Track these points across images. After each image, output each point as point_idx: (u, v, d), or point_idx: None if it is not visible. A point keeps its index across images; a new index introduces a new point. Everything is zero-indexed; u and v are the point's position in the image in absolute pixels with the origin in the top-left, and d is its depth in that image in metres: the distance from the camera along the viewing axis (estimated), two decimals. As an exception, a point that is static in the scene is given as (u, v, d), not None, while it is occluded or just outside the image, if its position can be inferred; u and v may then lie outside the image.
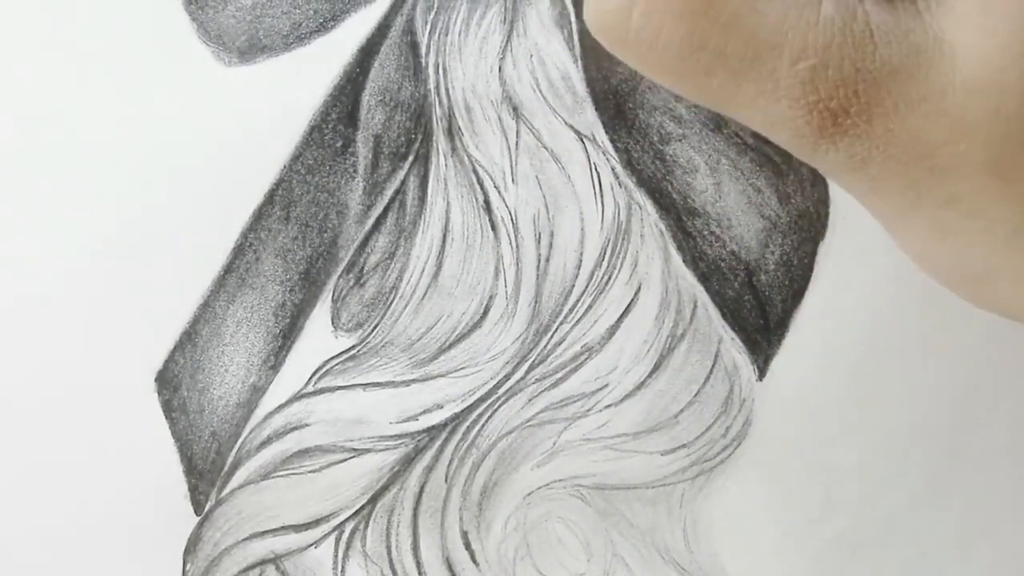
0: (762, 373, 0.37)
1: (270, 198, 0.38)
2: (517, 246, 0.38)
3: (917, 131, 0.24)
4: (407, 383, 0.38)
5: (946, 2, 0.24)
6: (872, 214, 0.28)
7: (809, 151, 0.26)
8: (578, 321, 0.38)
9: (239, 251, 0.38)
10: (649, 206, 0.38)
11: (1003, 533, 0.37)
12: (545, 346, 0.38)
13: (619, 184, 0.38)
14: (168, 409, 0.38)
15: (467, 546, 0.37)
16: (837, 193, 0.37)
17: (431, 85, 0.38)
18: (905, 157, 0.25)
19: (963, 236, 0.25)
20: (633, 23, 0.26)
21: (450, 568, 0.37)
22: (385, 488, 0.37)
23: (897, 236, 0.28)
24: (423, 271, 0.38)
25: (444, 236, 0.38)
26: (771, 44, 0.25)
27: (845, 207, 0.36)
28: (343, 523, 0.37)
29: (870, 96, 0.24)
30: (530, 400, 0.37)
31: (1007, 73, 0.24)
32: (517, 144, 0.38)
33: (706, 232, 0.37)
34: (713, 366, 0.37)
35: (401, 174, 0.38)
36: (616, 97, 0.38)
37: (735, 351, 0.37)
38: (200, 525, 0.37)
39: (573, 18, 0.38)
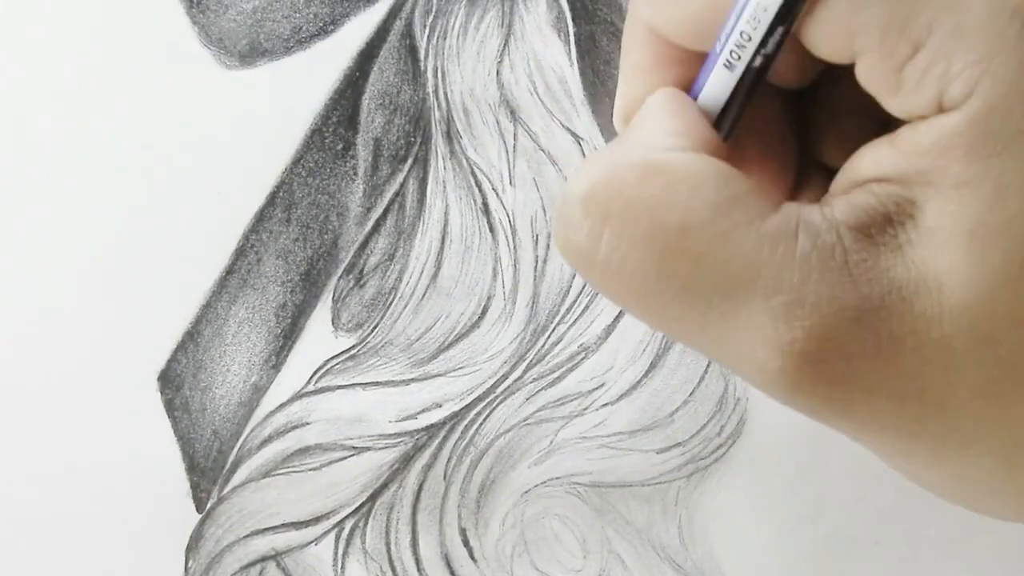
0: (756, 372, 0.38)
1: (271, 200, 0.38)
2: (515, 247, 0.38)
3: (903, 368, 0.23)
4: (406, 382, 0.38)
5: (928, 233, 0.23)
6: (860, 443, 0.26)
7: (784, 396, 0.24)
8: (575, 321, 0.38)
9: (241, 252, 0.38)
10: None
11: (993, 530, 0.37)
12: (542, 346, 0.38)
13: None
14: (170, 408, 0.38)
15: (465, 543, 0.38)
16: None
17: (430, 89, 0.39)
18: (894, 396, 0.23)
19: (961, 462, 0.24)
20: (601, 249, 0.25)
21: (448, 565, 0.38)
22: (384, 486, 0.38)
23: (890, 464, 0.26)
24: (422, 272, 0.38)
25: (443, 238, 0.38)
26: (744, 279, 0.23)
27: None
28: (343, 520, 0.38)
29: (849, 336, 0.23)
30: (528, 399, 0.38)
31: (996, 299, 0.23)
32: (515, 147, 0.38)
33: (701, 233, 0.38)
34: (708, 366, 0.38)
35: (400, 176, 0.38)
36: (612, 100, 0.38)
37: (730, 351, 0.38)
38: (202, 522, 0.38)
39: (570, 23, 0.39)
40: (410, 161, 0.39)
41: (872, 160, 0.25)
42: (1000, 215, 0.23)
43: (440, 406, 0.38)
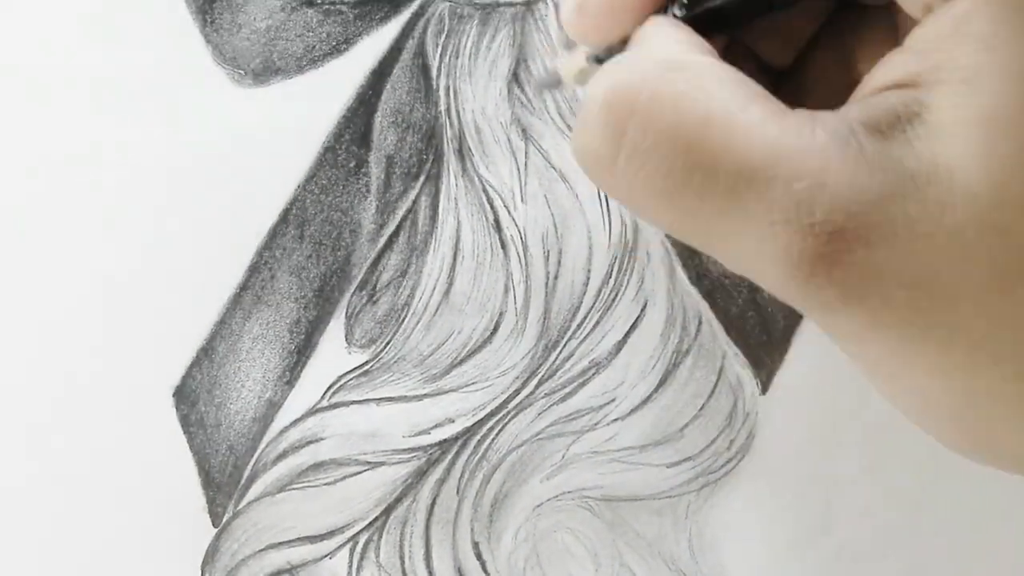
0: (765, 387, 0.38)
1: (285, 217, 0.39)
2: (526, 264, 0.39)
3: (917, 254, 0.23)
4: (419, 398, 0.38)
5: (936, 128, 0.23)
6: (859, 362, 0.26)
7: (800, 285, 0.24)
8: (586, 337, 0.38)
9: (254, 269, 0.39)
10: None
11: (1000, 544, 0.37)
12: (554, 361, 0.38)
13: (625, 203, 0.39)
14: (186, 424, 0.38)
15: (478, 556, 0.38)
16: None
17: (442, 107, 0.39)
18: (906, 283, 0.23)
19: (966, 374, 0.24)
20: (625, 144, 0.25)
21: (462, 578, 0.38)
22: (398, 500, 0.38)
23: (888, 384, 0.26)
24: (434, 288, 0.39)
25: (455, 254, 0.39)
26: (766, 166, 0.23)
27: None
28: (357, 534, 0.38)
29: (868, 219, 0.23)
30: (539, 414, 0.38)
31: (1007, 189, 0.23)
32: (526, 164, 0.39)
33: (710, 250, 0.38)
34: (717, 380, 0.38)
35: (413, 194, 0.39)
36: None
37: (739, 366, 0.38)
38: (218, 537, 0.38)
39: (580, 41, 0.39)
40: (422, 178, 0.39)
41: (884, 68, 0.25)
42: (1010, 105, 0.23)
43: (453, 421, 0.38)
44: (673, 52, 0.26)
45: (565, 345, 0.38)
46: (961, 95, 0.23)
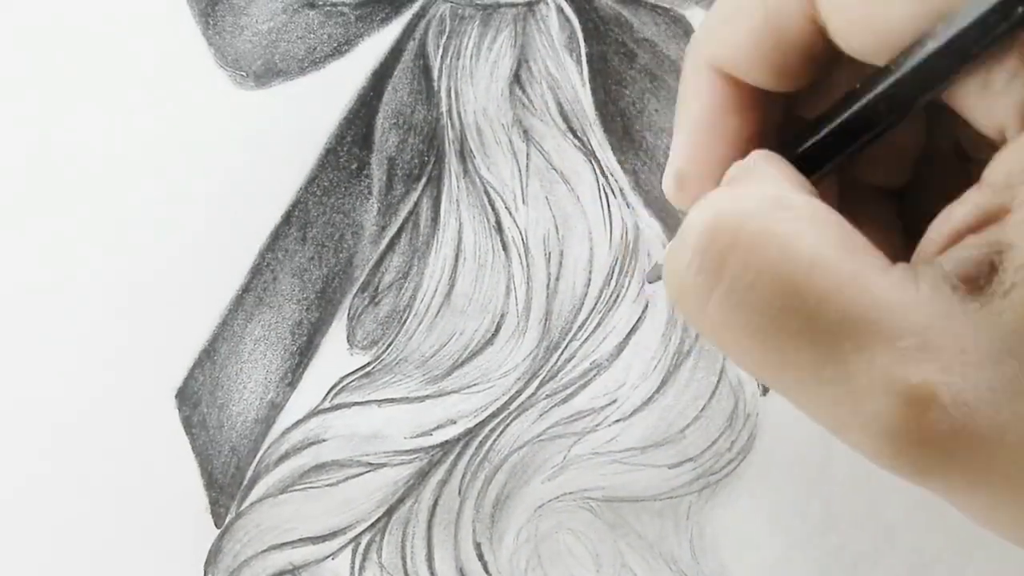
0: (766, 388, 0.38)
1: (287, 219, 0.39)
2: (528, 265, 0.39)
3: None
4: (421, 399, 0.39)
5: None
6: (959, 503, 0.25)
7: (897, 450, 0.23)
8: (587, 338, 0.39)
9: (257, 271, 0.39)
10: (656, 225, 0.39)
11: (999, 545, 0.38)
12: (555, 363, 0.39)
13: (627, 204, 0.39)
14: (188, 425, 0.39)
15: (480, 557, 0.38)
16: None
17: (443, 108, 0.39)
18: (1016, 443, 0.22)
19: None
20: (724, 279, 0.24)
21: (463, 579, 0.38)
22: (400, 501, 0.38)
23: (984, 521, 0.25)
24: (436, 290, 0.39)
25: (456, 256, 0.39)
26: (870, 320, 0.22)
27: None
28: (359, 535, 0.38)
29: (977, 381, 0.22)
30: (541, 415, 0.38)
31: None
32: (527, 166, 0.39)
33: (712, 251, 0.38)
34: (718, 382, 0.38)
35: (415, 195, 0.39)
36: (624, 119, 0.39)
37: (739, 367, 0.38)
38: (220, 537, 0.38)
39: (582, 43, 0.39)
40: (424, 180, 0.39)
41: (960, 208, 0.24)
42: None
43: (455, 422, 0.38)
44: (778, 190, 0.25)
45: (566, 346, 0.39)
46: None
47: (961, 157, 0.30)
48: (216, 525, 0.38)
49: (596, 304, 0.39)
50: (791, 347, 0.23)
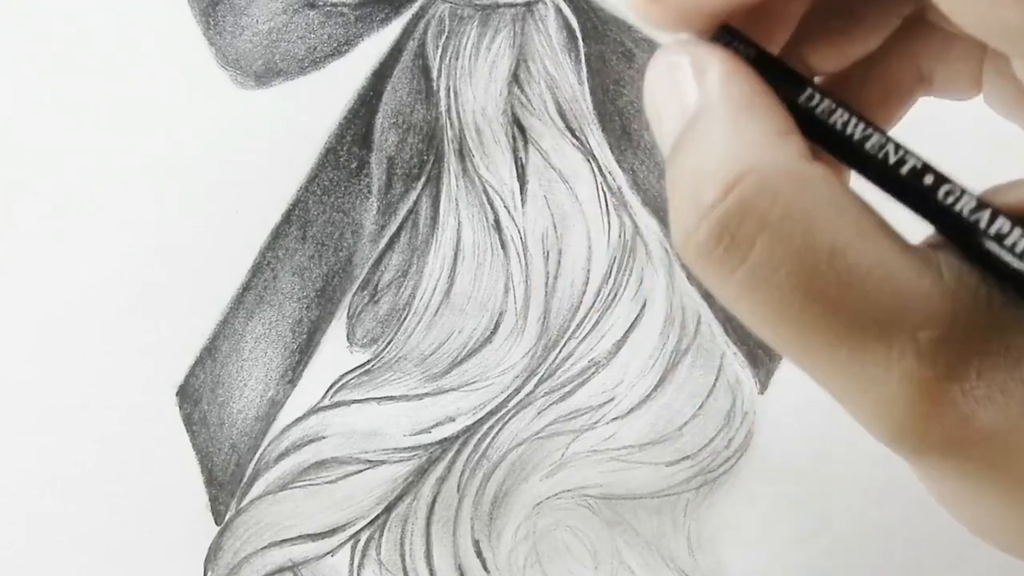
0: (763, 386, 0.38)
1: (287, 218, 0.39)
2: (526, 264, 0.39)
3: None
4: (420, 397, 0.39)
5: None
6: (930, 489, 0.26)
7: (909, 438, 0.23)
8: (585, 336, 0.39)
9: (257, 269, 0.39)
10: (654, 224, 0.39)
11: (996, 542, 0.38)
12: (553, 361, 0.39)
13: (625, 203, 0.39)
14: (189, 422, 0.39)
15: (478, 554, 0.38)
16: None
17: (442, 108, 0.39)
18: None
19: None
20: (751, 259, 0.23)
21: (462, 575, 0.38)
22: (399, 498, 0.39)
23: (967, 519, 0.25)
24: (435, 288, 0.39)
25: (455, 254, 0.39)
26: (892, 308, 0.22)
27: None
28: (359, 532, 0.39)
29: (995, 384, 0.22)
30: (539, 413, 0.39)
31: None
32: (526, 165, 0.39)
33: (709, 250, 0.39)
34: (716, 380, 0.38)
35: (414, 194, 0.39)
36: (622, 118, 0.39)
37: (737, 365, 0.39)
38: (220, 534, 0.39)
39: (580, 42, 0.39)
40: (423, 179, 0.39)
41: (1010, 193, 0.24)
42: None
43: (453, 420, 0.39)
44: (790, 153, 0.24)
45: (565, 344, 0.39)
46: None
47: (914, 62, 0.29)
48: (216, 522, 0.39)
49: (594, 302, 0.39)
50: (811, 330, 0.23)
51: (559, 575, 0.38)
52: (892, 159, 0.25)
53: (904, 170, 0.25)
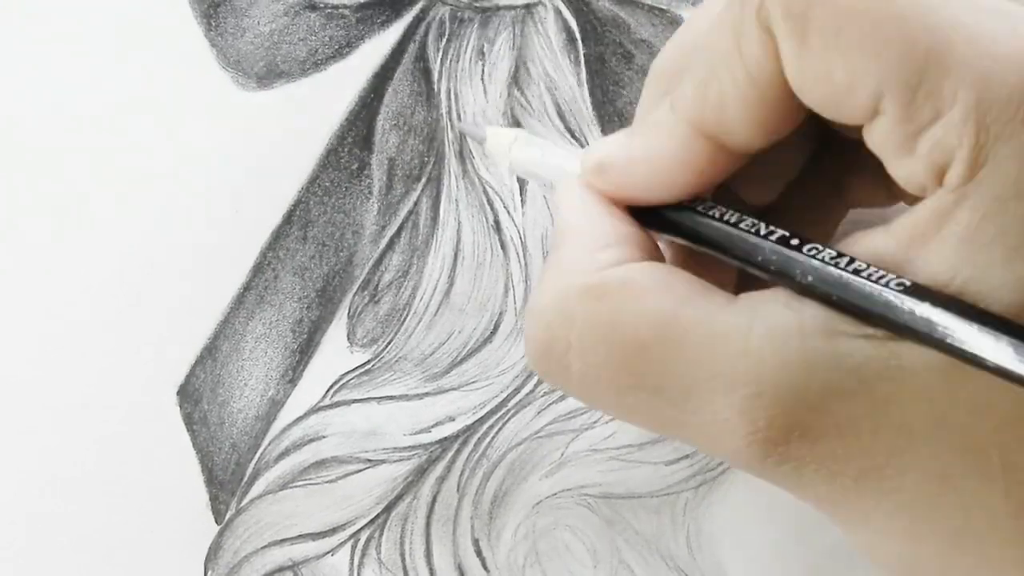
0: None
1: (288, 218, 0.39)
2: (526, 264, 0.39)
3: (864, 450, 0.24)
4: (420, 396, 0.39)
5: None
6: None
7: (754, 472, 0.26)
8: (585, 336, 0.39)
9: (258, 269, 0.39)
10: (653, 225, 0.39)
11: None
12: (553, 360, 0.39)
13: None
14: (189, 422, 0.39)
15: (478, 553, 0.38)
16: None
17: (443, 109, 0.40)
18: (852, 476, 0.24)
19: (909, 541, 0.25)
20: (572, 375, 0.26)
21: (462, 574, 0.38)
22: (399, 498, 0.39)
23: (850, 539, 0.27)
24: (435, 289, 0.39)
25: (455, 255, 0.39)
26: (703, 378, 0.24)
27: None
28: (359, 531, 0.39)
29: (811, 422, 0.24)
30: (539, 412, 0.39)
31: (956, 385, 0.23)
32: (526, 166, 0.39)
33: (708, 250, 0.39)
34: (715, 379, 0.39)
35: (414, 195, 0.39)
36: (622, 120, 0.39)
37: (736, 365, 0.39)
38: (221, 534, 0.39)
39: (580, 44, 0.39)
40: (424, 180, 0.39)
41: (868, 248, 0.25)
42: None
43: (453, 419, 0.39)
44: (595, 264, 0.27)
45: (564, 344, 0.39)
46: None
47: (834, 180, 0.31)
48: (216, 521, 0.39)
49: (593, 302, 0.39)
50: (647, 412, 0.26)
51: (559, 574, 0.38)
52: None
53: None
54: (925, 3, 0.23)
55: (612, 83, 0.39)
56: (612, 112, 0.39)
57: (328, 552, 0.39)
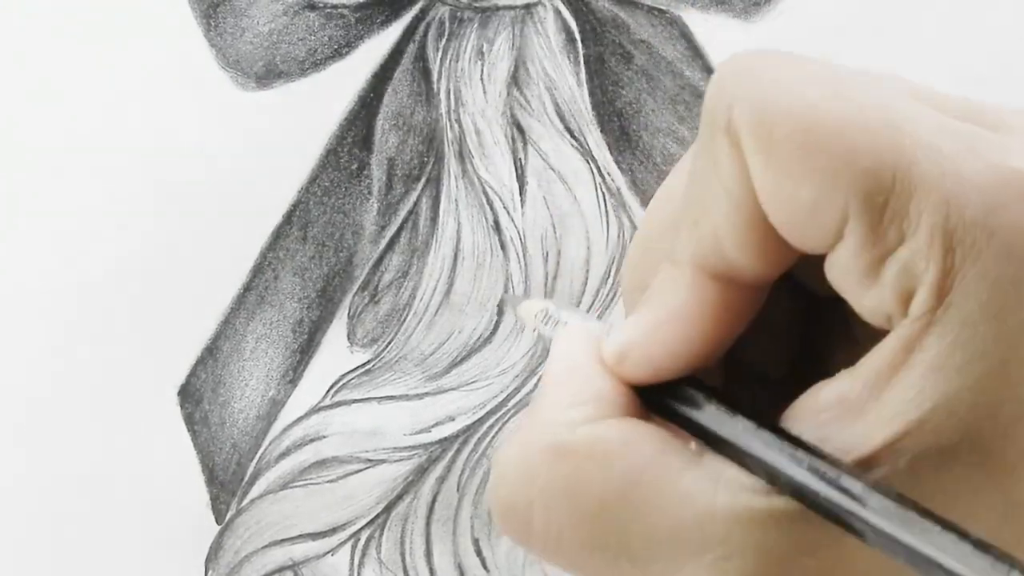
0: (761, 386, 0.39)
1: (288, 219, 0.39)
2: (525, 264, 0.39)
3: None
4: (420, 396, 0.39)
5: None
6: None
7: None
8: (584, 336, 0.39)
9: (258, 270, 0.39)
10: (652, 225, 0.39)
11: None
12: (553, 360, 0.39)
13: (624, 204, 0.39)
14: (190, 422, 0.39)
15: (478, 553, 0.39)
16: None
17: (442, 110, 0.40)
18: None
19: None
20: (535, 532, 0.26)
21: (462, 574, 0.39)
22: (399, 497, 0.39)
23: None
24: (435, 289, 0.39)
25: (455, 255, 0.39)
26: (669, 540, 0.24)
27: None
28: (359, 531, 0.39)
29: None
30: (539, 412, 0.39)
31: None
32: (525, 166, 0.39)
33: (707, 250, 0.39)
34: (714, 379, 0.39)
35: (414, 195, 0.39)
36: (621, 119, 0.39)
37: (735, 365, 0.39)
38: (221, 533, 0.39)
39: (579, 44, 0.40)
40: (423, 180, 0.39)
41: (833, 395, 0.24)
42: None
43: (453, 419, 0.39)
44: (564, 420, 0.26)
45: (564, 344, 0.39)
46: None
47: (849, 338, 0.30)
48: (217, 521, 0.39)
49: (593, 303, 0.39)
50: (610, 570, 0.25)
51: (558, 573, 0.38)
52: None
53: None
54: (891, 119, 0.22)
55: (611, 83, 0.39)
56: (611, 112, 0.39)
57: (328, 552, 0.39)
